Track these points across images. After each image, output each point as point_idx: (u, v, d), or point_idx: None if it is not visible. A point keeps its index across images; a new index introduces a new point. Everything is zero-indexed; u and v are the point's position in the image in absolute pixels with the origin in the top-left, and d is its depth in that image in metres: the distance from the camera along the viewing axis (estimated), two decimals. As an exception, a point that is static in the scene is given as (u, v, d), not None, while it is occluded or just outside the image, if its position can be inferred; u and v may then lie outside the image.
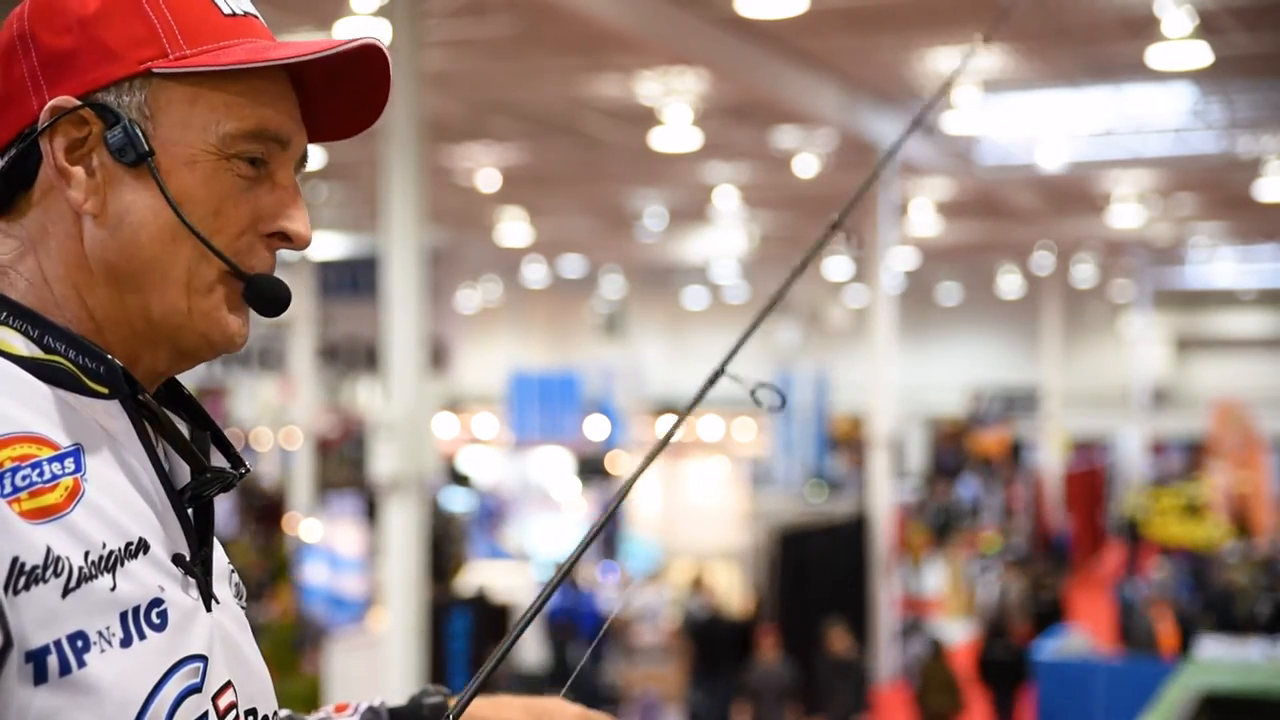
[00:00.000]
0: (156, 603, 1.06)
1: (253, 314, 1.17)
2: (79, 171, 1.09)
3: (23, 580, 0.98)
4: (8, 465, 1.01)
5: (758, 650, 11.60)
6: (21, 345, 1.08)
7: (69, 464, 1.04)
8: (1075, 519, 23.63)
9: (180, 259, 1.11)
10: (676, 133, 13.62)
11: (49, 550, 0.99)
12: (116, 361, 1.09)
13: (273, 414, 20.58)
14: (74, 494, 1.03)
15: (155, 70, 1.09)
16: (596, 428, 19.20)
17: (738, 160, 16.86)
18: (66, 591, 1.00)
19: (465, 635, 11.30)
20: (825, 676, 11.11)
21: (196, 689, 1.07)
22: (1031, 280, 26.88)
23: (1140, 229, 21.27)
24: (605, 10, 9.45)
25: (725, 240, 23.70)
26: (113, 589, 1.03)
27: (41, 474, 1.02)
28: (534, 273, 28.59)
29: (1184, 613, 14.28)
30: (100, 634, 1.01)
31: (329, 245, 20.46)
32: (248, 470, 1.20)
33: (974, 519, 21.78)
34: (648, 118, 13.60)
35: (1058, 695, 11.36)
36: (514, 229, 21.60)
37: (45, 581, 0.99)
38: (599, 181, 18.55)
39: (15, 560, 0.98)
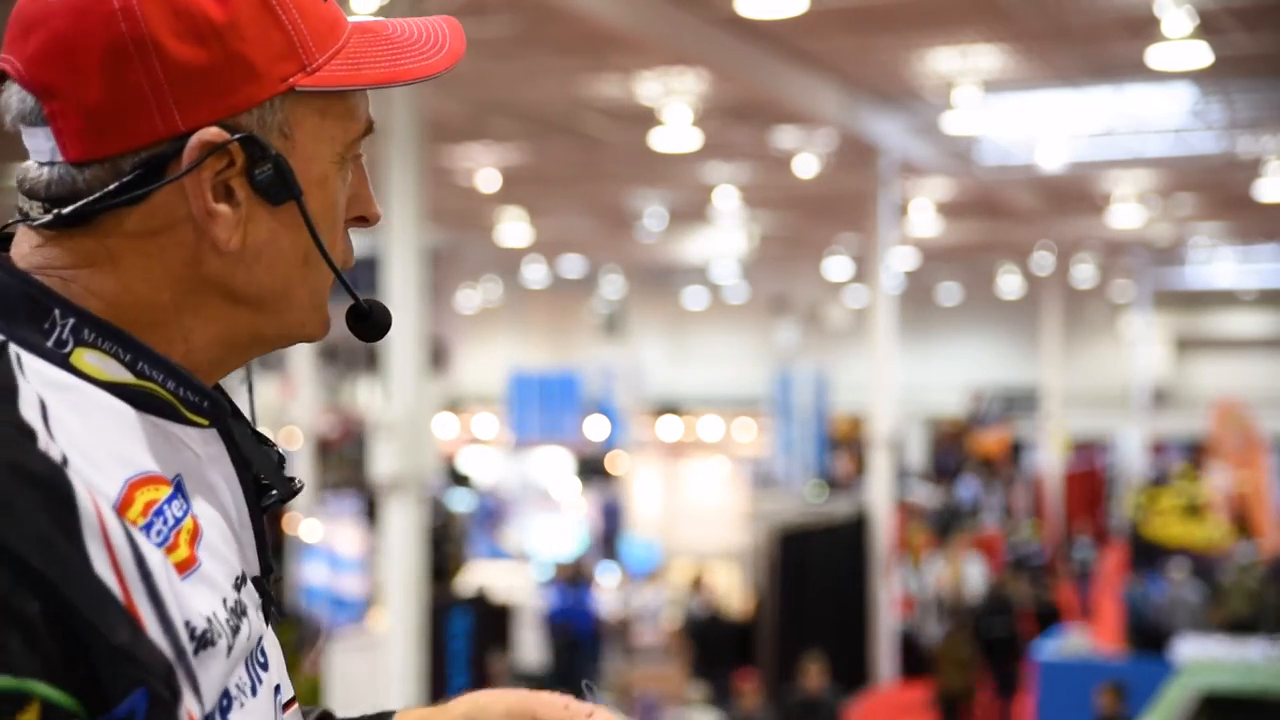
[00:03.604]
0: (260, 639, 1.01)
1: None
2: (225, 210, 0.98)
3: (195, 646, 0.90)
4: (139, 523, 0.90)
5: (737, 696, 11.39)
6: (109, 369, 0.96)
7: (179, 505, 0.95)
8: (1075, 519, 23.64)
9: (309, 282, 1.04)
10: (676, 133, 13.62)
11: (205, 613, 0.92)
12: (220, 397, 1.01)
13: (273, 414, 20.58)
14: (195, 538, 0.95)
15: (298, 88, 0.99)
16: (596, 428, 19.19)
17: (738, 160, 16.86)
18: (230, 650, 0.94)
19: (465, 635, 11.30)
20: (793, 715, 10.86)
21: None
22: (1031, 280, 26.88)
23: (1140, 229, 21.27)
24: (605, 10, 9.45)
25: (725, 240, 23.70)
26: (249, 637, 0.97)
27: (166, 522, 0.92)
28: (534, 273, 28.60)
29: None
30: (238, 687, 0.95)
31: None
32: (301, 485, 1.11)
33: (974, 519, 21.79)
34: (648, 118, 13.59)
35: (1058, 695, 11.36)
36: (514, 229, 21.61)
37: (215, 645, 0.92)
38: (599, 181, 18.55)
39: (187, 625, 0.90)
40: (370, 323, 1.09)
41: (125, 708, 0.85)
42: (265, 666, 1.00)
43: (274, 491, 1.07)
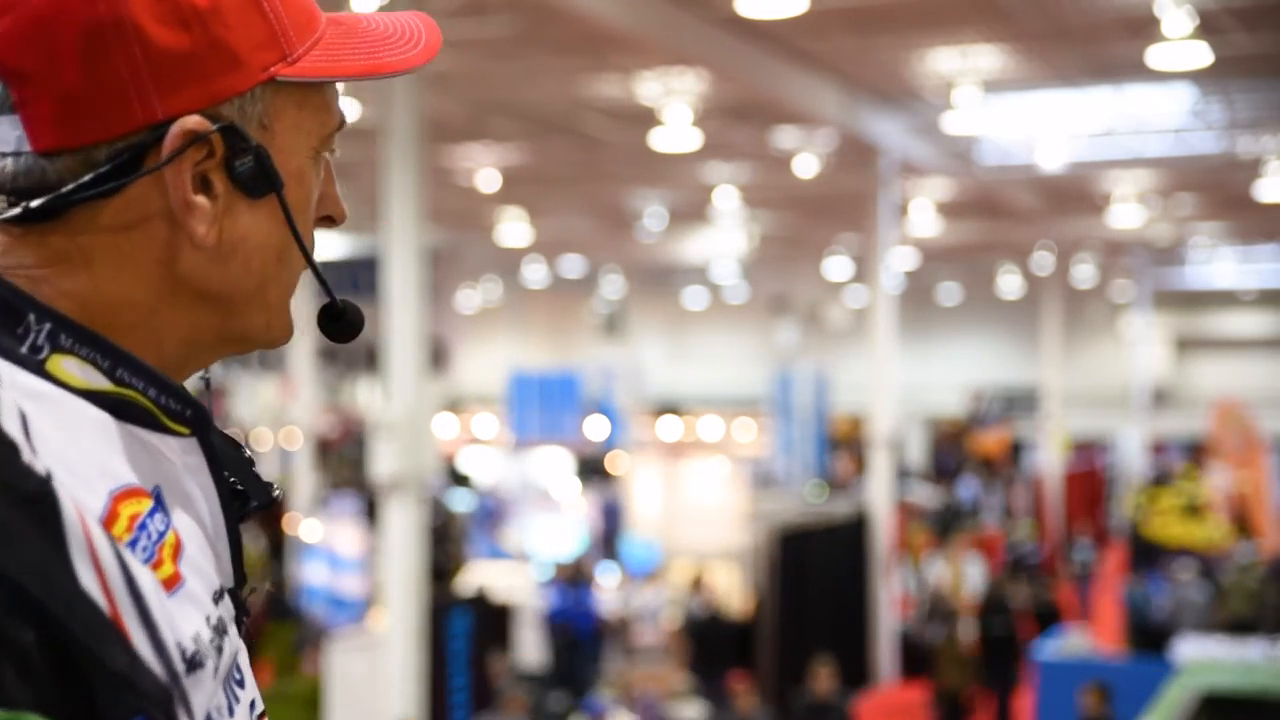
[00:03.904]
0: (236, 655, 0.95)
1: None
2: (204, 203, 0.94)
3: (186, 668, 0.86)
4: (125, 539, 0.85)
5: (733, 696, 11.42)
6: (87, 376, 0.90)
7: (161, 519, 0.89)
8: (1075, 519, 23.64)
9: (282, 281, 1.01)
10: (676, 133, 13.63)
11: (192, 633, 0.88)
12: (202, 403, 0.96)
13: (273, 414, 20.60)
14: (177, 552, 0.89)
15: (279, 78, 0.96)
16: (596, 428, 19.20)
17: (738, 160, 16.86)
18: (216, 671, 0.89)
19: (465, 635, 11.31)
20: (802, 718, 10.81)
21: None
22: (1031, 280, 26.88)
23: (1140, 229, 21.27)
24: (605, 10, 9.45)
25: (725, 240, 23.70)
26: (231, 655, 0.93)
27: (150, 537, 0.87)
28: (534, 273, 28.60)
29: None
30: (216, 709, 0.90)
31: (329, 245, 20.48)
32: (281, 492, 1.09)
33: (974, 519, 21.80)
34: (648, 118, 13.59)
35: (1057, 695, 11.37)
36: (514, 229, 21.62)
37: (203, 666, 0.87)
38: (599, 181, 18.56)
39: (178, 646, 0.86)
40: (344, 323, 1.07)
41: None
42: (241, 684, 0.95)
43: (252, 500, 1.03)
